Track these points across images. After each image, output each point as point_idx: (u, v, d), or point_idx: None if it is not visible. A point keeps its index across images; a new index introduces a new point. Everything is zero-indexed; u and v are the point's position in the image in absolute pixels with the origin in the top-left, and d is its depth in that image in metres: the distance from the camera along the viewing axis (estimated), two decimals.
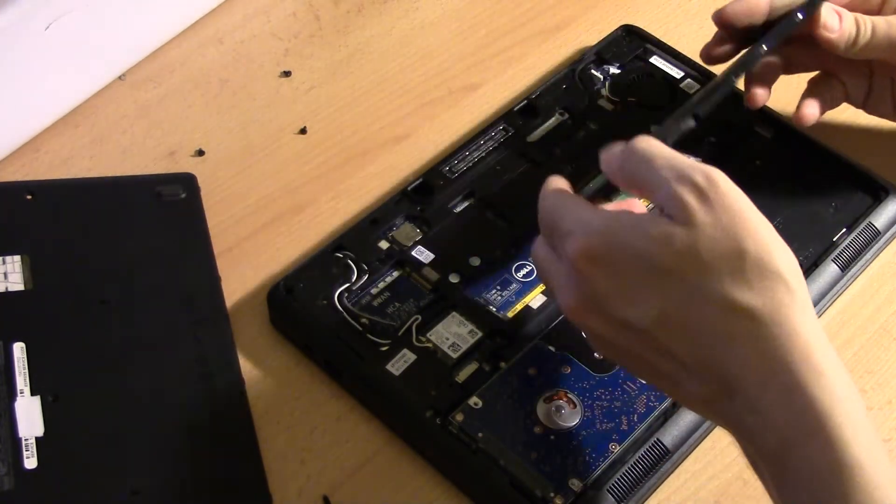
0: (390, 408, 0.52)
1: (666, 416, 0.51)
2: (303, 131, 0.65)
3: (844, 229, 0.59)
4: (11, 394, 0.50)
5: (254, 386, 0.54)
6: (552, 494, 0.48)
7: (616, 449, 0.50)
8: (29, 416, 0.50)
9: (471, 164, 0.61)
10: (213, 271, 0.57)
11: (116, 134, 0.65)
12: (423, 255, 0.57)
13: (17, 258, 0.56)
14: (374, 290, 0.56)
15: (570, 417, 0.51)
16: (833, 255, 0.58)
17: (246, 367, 0.54)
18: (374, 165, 0.64)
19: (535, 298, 0.56)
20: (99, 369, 0.52)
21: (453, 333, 0.54)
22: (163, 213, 0.59)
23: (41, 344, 0.52)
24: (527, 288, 0.56)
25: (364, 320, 0.54)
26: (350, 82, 0.68)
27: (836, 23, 0.56)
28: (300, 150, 0.65)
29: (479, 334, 0.54)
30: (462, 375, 0.52)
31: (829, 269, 0.57)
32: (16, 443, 0.49)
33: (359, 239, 0.57)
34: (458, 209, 0.59)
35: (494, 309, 0.55)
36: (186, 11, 0.70)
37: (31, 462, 0.48)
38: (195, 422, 0.51)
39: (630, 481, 0.50)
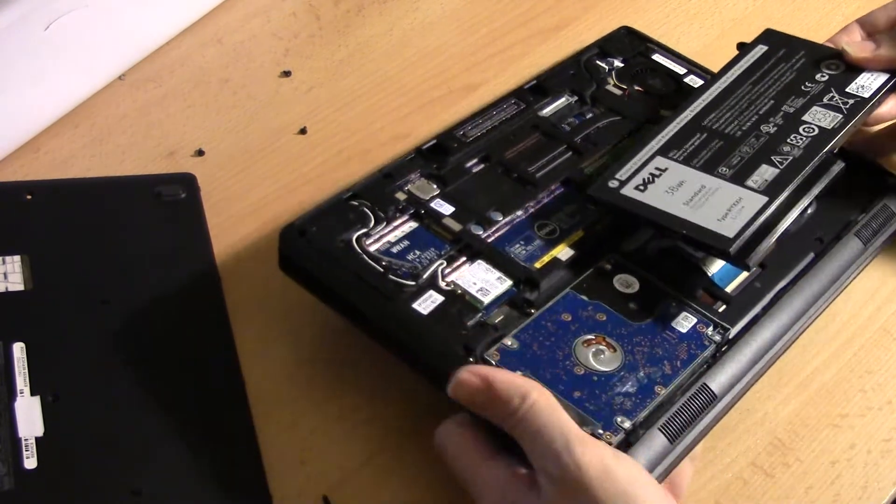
0: (419, 350, 0.49)
1: (710, 364, 0.50)
2: (303, 131, 0.65)
3: (862, 213, 0.58)
4: (11, 394, 0.50)
5: (254, 385, 0.54)
6: (601, 432, 0.47)
7: (662, 391, 0.49)
8: (29, 416, 0.50)
9: (484, 132, 0.60)
10: (213, 271, 0.57)
11: (116, 134, 0.65)
12: (442, 207, 0.55)
13: (17, 258, 0.56)
14: (392, 238, 0.53)
15: (611, 361, 0.50)
16: (855, 230, 0.57)
17: (246, 366, 0.54)
18: (374, 165, 0.64)
19: (563, 251, 0.54)
20: (99, 369, 0.52)
21: (481, 279, 0.52)
22: (163, 213, 0.59)
23: (41, 344, 0.52)
24: (551, 245, 0.54)
25: (385, 263, 0.52)
26: (350, 82, 0.68)
27: None
28: (300, 150, 0.65)
29: (509, 282, 0.52)
30: (494, 318, 0.51)
31: (852, 243, 0.56)
32: (16, 443, 0.49)
33: (374, 190, 0.55)
34: (476, 170, 0.58)
35: (522, 262, 0.53)
36: (186, 11, 0.70)
37: (31, 462, 0.48)
38: (195, 422, 0.51)
39: (680, 422, 0.48)
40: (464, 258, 0.53)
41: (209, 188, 0.62)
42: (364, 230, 0.53)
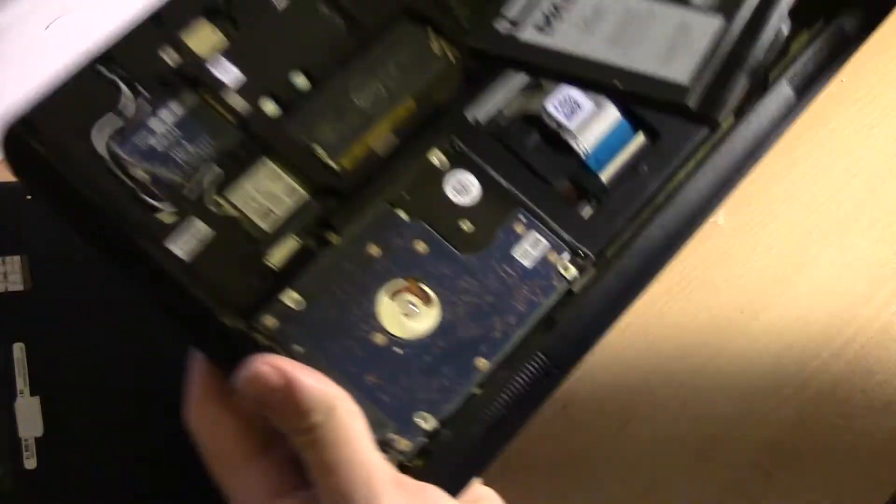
0: (175, 305, 0.37)
1: (551, 321, 0.38)
2: None
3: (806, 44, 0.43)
4: (11, 394, 0.50)
5: None
6: (392, 435, 0.36)
7: (485, 367, 0.37)
8: (29, 416, 0.50)
9: None
10: None
11: None
12: (226, 71, 0.39)
13: (17, 258, 0.56)
14: (153, 126, 0.38)
15: (424, 319, 0.37)
16: (788, 73, 0.42)
17: None
18: None
19: (382, 139, 0.39)
20: (99, 369, 0.52)
21: (265, 193, 0.38)
22: None
23: (41, 344, 0.52)
24: (368, 123, 0.39)
25: (139, 172, 0.37)
26: None
27: None
28: None
29: (302, 193, 0.38)
30: (277, 257, 0.38)
31: (783, 92, 0.42)
32: (16, 443, 0.49)
33: (135, 47, 0.39)
34: (280, 4, 0.40)
35: (325, 154, 0.39)
36: None
37: (30, 462, 0.48)
38: None
39: (503, 416, 0.37)
40: (247, 158, 0.38)
41: None
42: (114, 117, 0.38)
